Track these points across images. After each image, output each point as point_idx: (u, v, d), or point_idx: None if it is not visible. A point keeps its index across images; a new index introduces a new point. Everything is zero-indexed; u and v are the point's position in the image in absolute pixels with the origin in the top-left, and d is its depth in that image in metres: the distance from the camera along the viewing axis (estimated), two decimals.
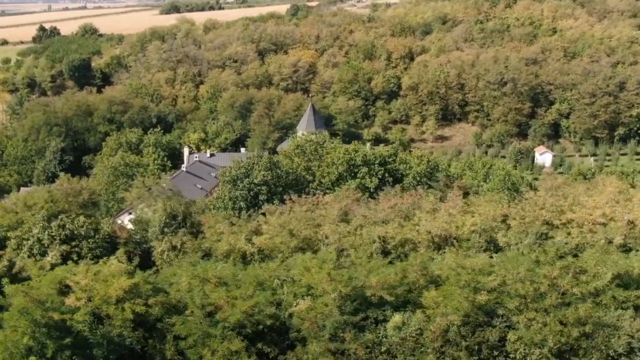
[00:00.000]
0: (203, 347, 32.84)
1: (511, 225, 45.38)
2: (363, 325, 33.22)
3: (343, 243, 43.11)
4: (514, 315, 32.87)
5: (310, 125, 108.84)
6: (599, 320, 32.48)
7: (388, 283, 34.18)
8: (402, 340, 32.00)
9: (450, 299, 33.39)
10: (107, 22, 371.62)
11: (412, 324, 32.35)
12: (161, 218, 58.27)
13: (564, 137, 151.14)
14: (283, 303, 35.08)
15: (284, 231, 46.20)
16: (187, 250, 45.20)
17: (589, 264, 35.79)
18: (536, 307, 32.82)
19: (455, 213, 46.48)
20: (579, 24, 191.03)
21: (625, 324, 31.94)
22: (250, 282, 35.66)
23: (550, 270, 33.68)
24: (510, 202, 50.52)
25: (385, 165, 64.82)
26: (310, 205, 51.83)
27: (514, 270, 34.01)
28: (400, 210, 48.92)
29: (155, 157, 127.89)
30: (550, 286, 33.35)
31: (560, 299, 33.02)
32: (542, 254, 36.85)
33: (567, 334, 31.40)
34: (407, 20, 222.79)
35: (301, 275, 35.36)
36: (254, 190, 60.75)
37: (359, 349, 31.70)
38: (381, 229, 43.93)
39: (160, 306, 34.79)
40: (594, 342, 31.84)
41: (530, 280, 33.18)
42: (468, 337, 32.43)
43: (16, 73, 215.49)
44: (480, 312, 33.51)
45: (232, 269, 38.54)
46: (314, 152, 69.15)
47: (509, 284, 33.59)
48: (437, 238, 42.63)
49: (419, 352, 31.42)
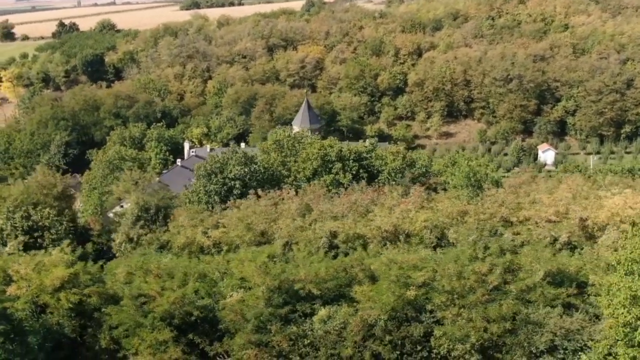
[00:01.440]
0: (134, 336, 33.56)
1: (467, 221, 45.34)
2: (291, 318, 33.59)
3: (294, 237, 43.47)
4: (442, 311, 32.99)
5: (305, 121, 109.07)
6: (526, 317, 32.47)
7: (320, 277, 34.50)
8: (326, 334, 32.31)
9: (380, 294, 33.62)
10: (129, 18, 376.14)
11: (337, 317, 32.63)
12: (133, 211, 59.27)
13: (570, 134, 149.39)
14: (218, 295, 35.62)
15: (240, 225, 46.71)
16: (143, 242, 45.91)
17: (524, 261, 35.80)
18: (463, 303, 32.91)
19: (412, 209, 46.53)
20: (591, 20, 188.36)
21: (550, 322, 31.85)
22: (185, 273, 36.27)
23: (480, 267, 33.73)
24: (473, 198, 50.38)
25: (360, 161, 65.02)
26: (275, 200, 52.25)
27: (444, 266, 34.15)
28: (360, 205, 49.12)
29: (158, 151, 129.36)
30: (479, 282, 33.41)
31: (488, 296, 33.07)
32: (481, 251, 36.89)
33: (490, 330, 31.46)
34: (419, 16, 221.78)
35: (235, 267, 35.87)
36: (228, 185, 61.36)
37: (282, 341, 32.07)
38: (334, 224, 44.21)
39: (97, 296, 35.56)
40: (517, 338, 31.84)
41: (457, 276, 33.25)
42: (394, 331, 32.61)
43: (31, 68, 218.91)
44: (409, 307, 33.69)
45: (176, 261, 39.16)
46: (291, 148, 69.59)
47: (438, 280, 33.71)
48: (387, 234, 42.76)
49: (340, 345, 31.70)
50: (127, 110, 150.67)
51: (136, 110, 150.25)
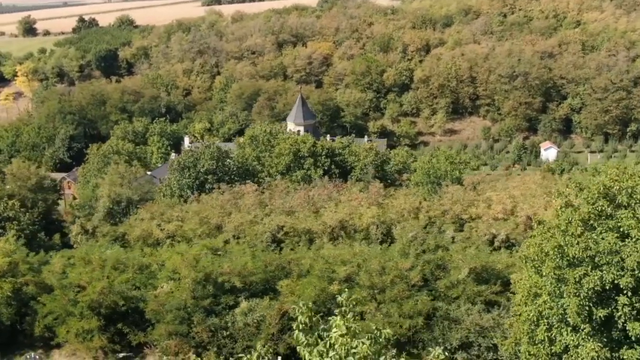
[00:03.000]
0: (64, 324, 34.49)
1: (419, 218, 45.50)
2: (216, 310, 34.20)
3: (243, 231, 44.04)
4: (362, 306, 33.26)
5: (298, 117, 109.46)
6: (445, 313, 32.66)
7: (247, 270, 35.04)
8: (245, 326, 32.85)
9: (304, 288, 34.05)
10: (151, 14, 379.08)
11: (257, 310, 33.14)
12: (105, 204, 60.50)
13: (575, 132, 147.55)
14: (151, 287, 36.36)
15: (195, 218, 47.44)
16: (98, 234, 46.88)
17: (455, 258, 35.92)
18: (382, 299, 33.19)
19: (364, 205, 46.78)
20: (604, 16, 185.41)
21: (468, 318, 31.98)
22: (124, 265, 37.05)
23: (402, 264, 33.97)
24: (430, 195, 50.45)
25: (333, 157, 65.28)
26: (236, 195, 52.87)
27: (369, 261, 34.44)
28: (317, 200, 49.49)
29: (160, 145, 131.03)
30: (400, 278, 33.65)
31: (409, 292, 33.29)
32: (414, 248, 37.12)
33: (404, 325, 31.71)
34: (432, 12, 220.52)
35: (169, 260, 36.57)
36: (200, 179, 62.19)
37: (202, 332, 32.69)
38: (281, 218, 44.68)
39: (34, 285, 36.54)
40: (432, 334, 32.05)
41: (379, 272, 33.53)
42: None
43: (46, 63, 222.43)
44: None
45: (118, 252, 39.97)
46: (266, 143, 70.14)
47: (361, 275, 34.01)
48: (333, 229, 43.10)
49: (255, 337, 32.20)
50: (132, 105, 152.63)
51: (141, 105, 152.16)
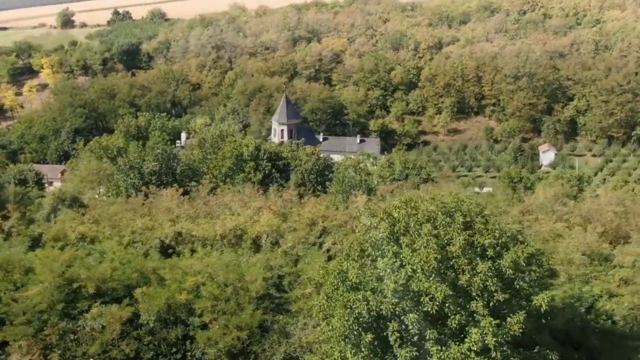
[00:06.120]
0: None
1: (314, 229, 46.12)
2: (72, 314, 35.82)
3: (136, 236, 45.49)
4: (204, 317, 34.40)
5: (282, 116, 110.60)
6: (281, 327, 33.48)
7: (105, 276, 36.53)
8: (92, 330, 34.37)
9: (156, 296, 35.35)
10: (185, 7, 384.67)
11: (104, 316, 34.59)
12: (49, 201, 62.97)
13: (580, 135, 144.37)
14: None
15: (104, 220, 49.20)
16: (12, 233, 48.98)
17: (307, 270, 36.60)
18: (224, 309, 34.21)
19: (265, 213, 47.63)
20: (624, 15, 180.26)
21: (298, 333, 32.72)
22: None
23: (249, 275, 34.89)
24: (342, 204, 51.00)
25: (275, 161, 66.18)
26: (151, 198, 54.49)
27: (217, 271, 35.49)
28: (226, 206, 50.60)
29: (160, 140, 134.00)
30: (244, 290, 34.60)
31: (249, 304, 34.22)
32: (282, 259, 38.13)
33: (235, 337, 32.69)
34: (452, 9, 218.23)
35: (40, 263, 38.33)
36: (144, 180, 64.05)
37: (52, 335, 34.37)
38: (185, 224, 45.96)
39: None
40: (263, 347, 32.93)
41: (223, 283, 34.56)
42: (157, 332, 34.32)
43: (72, 55, 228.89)
44: (183, 310, 35.29)
45: (22, 253, 41.94)
46: (214, 145, 71.49)
47: (207, 285, 35.09)
48: (222, 237, 44.18)
49: (95, 342, 33.68)
50: (139, 100, 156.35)
51: (148, 100, 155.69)
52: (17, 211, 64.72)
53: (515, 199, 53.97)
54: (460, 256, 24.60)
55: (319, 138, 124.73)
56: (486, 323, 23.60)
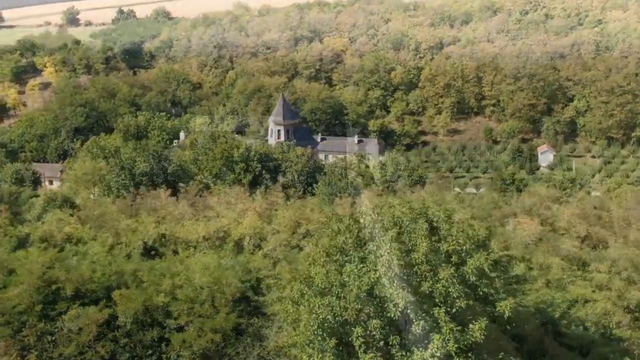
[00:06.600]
0: None
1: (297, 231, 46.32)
2: (51, 315, 36.05)
3: (120, 238, 45.76)
4: (180, 319, 34.59)
5: (278, 116, 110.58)
6: (256, 330, 33.67)
7: (84, 278, 36.77)
8: (69, 332, 34.60)
9: (133, 298, 35.56)
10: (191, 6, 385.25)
11: (81, 318, 34.82)
12: (40, 202, 63.40)
13: (580, 136, 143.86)
14: None
15: (91, 220, 49.48)
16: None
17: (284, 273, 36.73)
18: (199, 312, 34.39)
19: (249, 214, 47.85)
20: (626, 15, 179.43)
21: (272, 335, 32.91)
22: None
23: (223, 278, 35.06)
24: (327, 206, 51.12)
25: (265, 162, 66.29)
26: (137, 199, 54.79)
27: (194, 274, 35.67)
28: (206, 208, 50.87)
29: (159, 140, 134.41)
30: (220, 293, 34.79)
31: (225, 307, 34.40)
32: (255, 261, 38.24)
33: (209, 339, 32.88)
34: (455, 8, 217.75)
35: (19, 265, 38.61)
36: (135, 180, 64.35)
37: (30, 336, 34.62)
38: (169, 225, 46.22)
39: None
40: (236, 350, 33.11)
41: (196, 286, 34.75)
42: (133, 334, 34.53)
43: (74, 54, 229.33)
44: (160, 312, 35.49)
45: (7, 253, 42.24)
46: (205, 146, 71.69)
47: (183, 288, 35.28)
48: (205, 238, 44.40)
49: (72, 343, 33.91)
50: (140, 99, 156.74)
51: (148, 99, 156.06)
52: (7, 211, 65.20)
53: (501, 202, 54.01)
54: (424, 262, 24.73)
55: (316, 138, 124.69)
56: (447, 329, 23.71)
